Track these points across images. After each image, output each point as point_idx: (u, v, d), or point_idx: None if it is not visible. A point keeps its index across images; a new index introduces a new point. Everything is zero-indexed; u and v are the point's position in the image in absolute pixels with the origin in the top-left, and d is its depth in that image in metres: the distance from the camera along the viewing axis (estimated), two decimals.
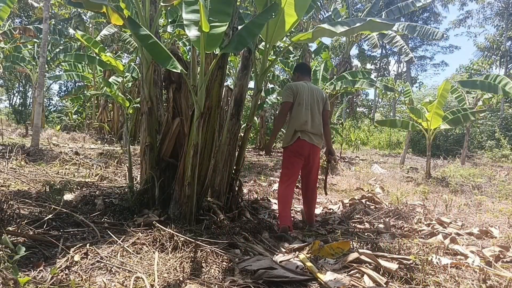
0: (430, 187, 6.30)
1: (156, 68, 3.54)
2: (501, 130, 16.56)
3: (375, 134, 21.28)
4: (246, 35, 2.83)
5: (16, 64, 12.39)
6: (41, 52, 7.69)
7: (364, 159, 12.01)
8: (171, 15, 8.51)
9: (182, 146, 3.20)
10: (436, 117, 7.54)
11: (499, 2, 24.52)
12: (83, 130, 14.06)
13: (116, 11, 3.04)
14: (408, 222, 3.77)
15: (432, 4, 28.51)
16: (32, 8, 13.09)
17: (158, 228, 2.56)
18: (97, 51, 6.54)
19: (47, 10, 7.60)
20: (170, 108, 3.38)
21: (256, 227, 3.09)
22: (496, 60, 23.25)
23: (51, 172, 4.82)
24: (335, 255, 2.48)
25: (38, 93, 7.96)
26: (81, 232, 2.60)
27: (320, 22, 10.82)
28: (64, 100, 18.94)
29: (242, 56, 3.57)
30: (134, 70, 10.85)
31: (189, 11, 2.90)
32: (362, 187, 6.09)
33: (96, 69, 12.91)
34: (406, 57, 10.04)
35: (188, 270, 2.12)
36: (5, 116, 20.37)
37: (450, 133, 17.99)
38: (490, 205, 4.91)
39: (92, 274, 1.99)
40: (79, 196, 3.53)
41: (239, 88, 3.51)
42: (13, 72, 18.40)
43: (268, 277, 2.07)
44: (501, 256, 2.73)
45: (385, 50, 32.60)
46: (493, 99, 10.98)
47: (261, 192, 4.95)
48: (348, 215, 3.98)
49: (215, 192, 3.48)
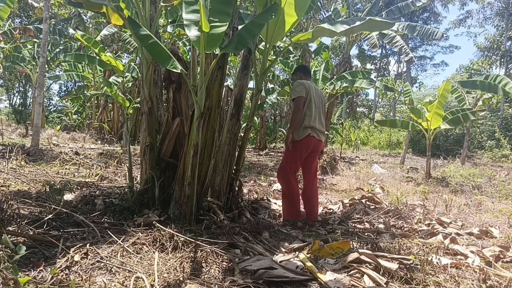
0: (430, 187, 6.30)
1: (156, 68, 3.54)
2: (501, 130, 16.57)
3: (375, 134, 21.28)
4: (246, 35, 2.83)
5: (16, 64, 12.39)
6: (41, 52, 7.69)
7: (364, 159, 12.01)
8: (171, 15, 8.51)
9: (182, 146, 3.20)
10: (436, 117, 7.54)
11: (499, 2, 24.53)
12: (83, 130, 14.06)
13: (116, 11, 3.04)
14: (408, 222, 3.77)
15: (432, 4, 28.52)
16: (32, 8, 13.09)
17: (158, 228, 2.56)
18: (97, 51, 6.54)
19: (47, 10, 7.60)
20: (170, 108, 3.38)
21: (256, 227, 3.09)
22: (496, 60, 23.26)
23: (51, 172, 4.82)
24: (335, 255, 2.49)
25: (38, 93, 7.96)
26: (81, 232, 2.60)
27: (320, 22, 10.82)
28: (64, 100, 18.94)
29: (242, 56, 3.57)
30: (134, 70, 10.86)
31: (189, 11, 2.90)
32: (362, 187, 6.08)
33: (96, 69, 12.91)
34: (406, 57, 10.03)
35: (188, 270, 2.12)
36: (5, 116, 20.38)
37: (450, 133, 17.99)
38: (490, 205, 4.91)
39: (92, 274, 1.99)
40: (79, 196, 3.53)
41: (239, 88, 3.51)
42: (13, 72, 18.41)
43: (268, 277, 2.08)
44: (501, 256, 2.73)
45: (385, 50, 32.60)
46: (493, 99, 10.98)
47: (261, 192, 4.95)
48: (348, 215, 3.97)
49: (215, 192, 3.48)
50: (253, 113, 3.84)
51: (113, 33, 11.04)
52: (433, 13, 30.73)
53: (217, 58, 2.92)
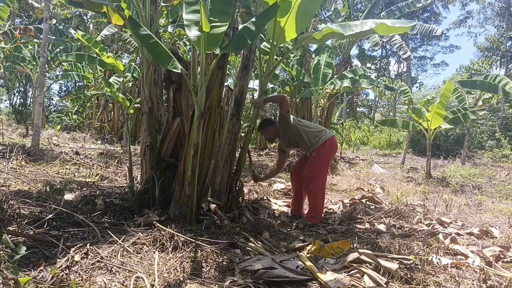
0: (430, 187, 6.30)
1: (157, 68, 3.54)
2: (502, 130, 16.55)
3: (375, 134, 21.28)
4: (246, 35, 2.83)
5: (16, 64, 12.39)
6: (42, 52, 7.69)
7: (364, 159, 12.00)
8: (172, 15, 8.51)
9: (182, 146, 3.20)
10: (436, 117, 7.53)
11: (500, 2, 24.50)
12: (84, 130, 14.05)
13: (117, 11, 3.04)
14: (408, 222, 3.77)
15: (432, 4, 28.49)
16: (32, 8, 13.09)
17: (159, 228, 2.56)
18: (98, 51, 6.54)
19: (48, 10, 7.60)
20: (171, 108, 3.39)
21: (256, 227, 3.09)
22: (496, 60, 23.23)
23: (51, 172, 4.82)
24: (335, 255, 2.49)
25: (39, 93, 7.96)
26: (81, 232, 2.60)
27: (321, 22, 10.79)
28: (64, 100, 18.96)
29: (242, 56, 3.57)
30: (135, 70, 10.85)
31: (189, 11, 2.90)
32: (362, 187, 6.08)
33: (97, 69, 12.91)
34: (404, 54, 10.04)
35: (189, 270, 2.12)
36: (6, 116, 20.38)
37: (451, 133, 17.97)
38: (490, 205, 4.91)
39: (93, 274, 1.99)
40: (79, 196, 3.53)
41: (239, 88, 3.51)
42: (13, 72, 18.41)
43: (269, 277, 2.08)
44: (501, 256, 2.74)
45: (385, 50, 32.58)
46: (493, 99, 10.97)
47: (261, 192, 4.94)
48: (348, 215, 3.97)
49: (215, 192, 3.48)
50: (256, 115, 3.84)
51: (113, 33, 11.04)
52: (433, 13, 30.70)
53: (218, 58, 2.92)
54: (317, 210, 3.64)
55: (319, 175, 3.63)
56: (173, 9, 7.78)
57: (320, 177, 3.65)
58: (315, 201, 3.64)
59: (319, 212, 3.66)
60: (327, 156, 3.67)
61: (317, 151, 3.61)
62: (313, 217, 3.63)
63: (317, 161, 3.61)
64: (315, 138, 3.64)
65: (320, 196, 3.66)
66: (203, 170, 3.12)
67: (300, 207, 3.95)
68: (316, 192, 3.63)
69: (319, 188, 3.63)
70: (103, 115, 13.56)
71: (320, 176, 3.65)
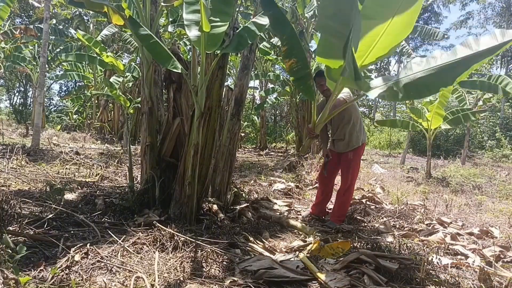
0: (431, 187, 6.30)
1: (157, 68, 3.54)
2: (502, 130, 16.54)
3: (375, 134, 21.26)
4: (246, 35, 2.83)
5: (16, 64, 12.39)
6: (42, 52, 7.70)
7: (365, 159, 11.99)
8: (172, 15, 8.50)
9: (182, 146, 3.20)
10: (436, 117, 7.53)
11: (500, 2, 24.49)
12: (84, 130, 14.06)
13: (117, 11, 3.04)
14: (409, 222, 3.77)
15: (433, 4, 28.48)
16: (32, 8, 13.10)
17: (159, 228, 2.56)
18: (98, 51, 6.54)
19: (48, 10, 7.61)
20: (171, 108, 3.39)
21: (256, 227, 3.09)
22: (496, 60, 23.22)
23: (51, 172, 4.82)
24: (335, 255, 2.48)
25: (39, 93, 7.97)
26: (81, 231, 2.60)
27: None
28: (64, 100, 18.96)
29: (242, 56, 3.57)
30: (135, 70, 10.85)
31: (189, 11, 2.90)
32: (362, 187, 6.08)
33: (97, 69, 12.92)
34: (408, 58, 10.02)
35: (189, 270, 2.12)
36: (6, 116, 20.40)
37: (451, 133, 17.96)
38: (490, 205, 4.91)
39: (93, 274, 1.99)
40: (79, 196, 3.53)
41: (240, 88, 3.51)
42: (13, 72, 18.42)
43: (269, 277, 2.08)
44: (501, 256, 2.73)
45: None
46: (493, 99, 10.96)
47: (261, 192, 4.94)
48: (349, 215, 3.97)
49: (215, 192, 3.48)
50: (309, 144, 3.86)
51: (113, 33, 11.04)
52: (434, 13, 30.70)
53: (218, 58, 2.92)
54: (346, 212, 3.71)
55: (355, 178, 3.68)
56: (173, 9, 7.77)
57: (355, 180, 3.71)
58: (347, 204, 3.69)
59: (346, 214, 3.74)
60: (360, 158, 3.70)
61: (355, 152, 3.57)
62: (342, 219, 3.65)
63: (355, 163, 3.59)
64: (363, 135, 3.63)
65: (351, 199, 3.76)
66: (203, 170, 3.12)
67: (324, 210, 3.94)
68: (350, 195, 3.66)
69: (352, 191, 3.68)
70: (103, 115, 13.58)
71: (355, 179, 3.70)
